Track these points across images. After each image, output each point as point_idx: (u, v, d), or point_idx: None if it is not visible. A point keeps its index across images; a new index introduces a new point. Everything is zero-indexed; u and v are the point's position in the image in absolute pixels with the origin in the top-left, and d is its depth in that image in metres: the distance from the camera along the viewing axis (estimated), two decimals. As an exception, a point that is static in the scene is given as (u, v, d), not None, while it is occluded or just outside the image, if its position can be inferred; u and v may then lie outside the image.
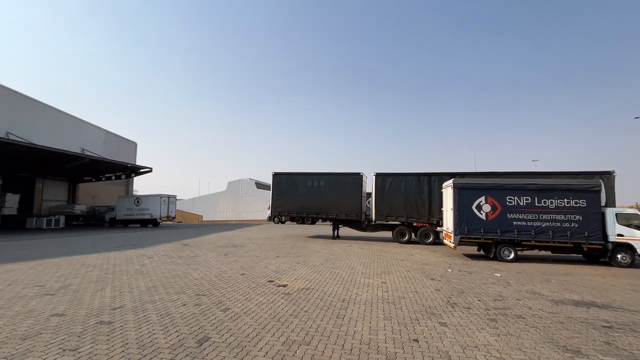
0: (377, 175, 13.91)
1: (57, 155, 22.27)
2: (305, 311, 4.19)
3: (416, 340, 3.30)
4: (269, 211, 26.20)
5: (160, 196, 26.64)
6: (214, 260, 8.24)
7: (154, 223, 26.77)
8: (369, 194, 15.94)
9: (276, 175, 15.97)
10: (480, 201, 9.17)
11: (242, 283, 5.73)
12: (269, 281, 5.92)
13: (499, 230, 8.94)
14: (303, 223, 30.53)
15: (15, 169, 25.73)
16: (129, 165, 28.36)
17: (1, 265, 7.30)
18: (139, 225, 26.88)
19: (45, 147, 21.17)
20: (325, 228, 20.69)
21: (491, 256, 9.18)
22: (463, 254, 10.22)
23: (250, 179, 56.01)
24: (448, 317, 4.08)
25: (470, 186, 9.44)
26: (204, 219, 53.78)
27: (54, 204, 29.27)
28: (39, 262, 7.66)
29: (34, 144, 21.07)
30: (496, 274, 7.09)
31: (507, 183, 9.30)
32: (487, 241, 9.18)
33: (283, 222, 32.53)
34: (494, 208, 9.06)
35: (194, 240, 13.72)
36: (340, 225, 15.33)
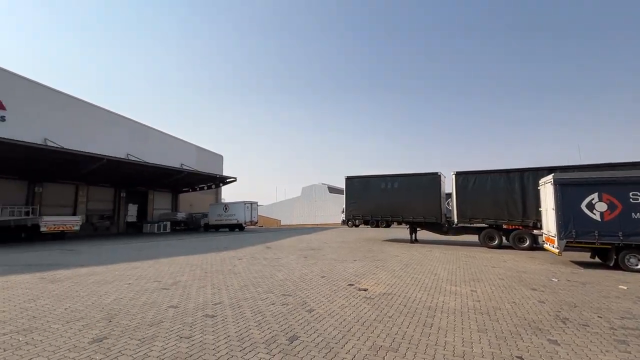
0: (458, 174, 12.90)
1: (163, 171, 26.23)
2: (389, 317, 4.10)
3: (520, 358, 2.94)
4: (343, 215, 26.50)
5: (244, 203, 29.11)
6: (295, 263, 8.66)
7: (239, 227, 29.38)
8: (449, 195, 14.87)
9: (349, 179, 16.06)
10: (592, 199, 7.73)
11: (323, 285, 5.89)
12: (349, 284, 5.96)
13: (620, 233, 7.40)
14: (377, 226, 30.07)
15: (134, 184, 31.07)
16: (218, 176, 31.78)
17: (130, 263, 8.90)
18: (227, 230, 29.83)
19: (156, 164, 25.16)
20: (401, 231, 19.97)
21: (611, 264, 7.64)
22: (571, 261, 8.75)
23: (322, 183, 57.48)
24: (559, 334, 3.53)
25: (576, 182, 8.05)
26: (282, 223, 57.02)
27: (162, 211, 34.42)
28: (155, 261, 9.11)
29: (147, 163, 25.18)
30: (621, 287, 5.88)
31: (631, 176, 7.65)
32: (604, 246, 7.68)
33: (357, 226, 32.48)
34: (612, 207, 7.55)
35: (275, 244, 14.64)
36: (418, 229, 14.62)
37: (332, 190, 56.32)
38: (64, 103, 27.51)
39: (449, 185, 13.99)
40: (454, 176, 12.98)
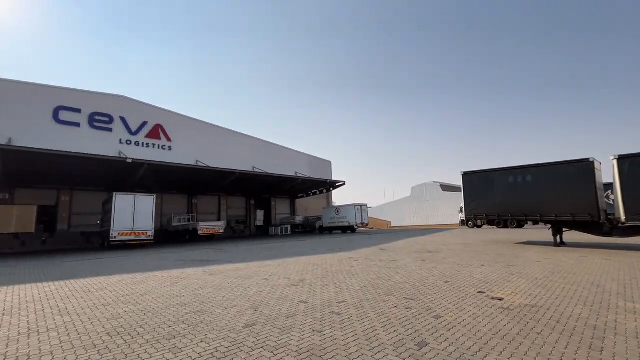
0: (621, 158, 10.07)
1: (282, 179, 29.34)
2: (538, 333, 3.49)
3: None
4: (461, 215, 24.00)
5: (355, 205, 29.81)
6: (413, 265, 8.33)
7: (351, 229, 30.20)
8: (607, 186, 11.75)
9: (466, 175, 14.51)
10: None
11: (448, 291, 5.47)
12: (478, 292, 5.36)
13: None
14: (506, 227, 26.12)
15: (260, 192, 35.74)
16: (328, 181, 33.54)
17: (263, 261, 10.28)
18: (340, 232, 31.07)
19: (275, 174, 28.42)
20: (537, 233, 16.77)
21: None
22: None
23: (434, 182, 53.73)
24: None
25: None
26: (392, 224, 55.76)
27: (282, 216, 38.43)
28: (282, 261, 10.25)
29: (268, 173, 28.67)
30: None
31: None
32: None
33: (479, 227, 29.01)
34: None
35: (389, 245, 14.45)
36: (564, 229, 12.03)
37: (446, 188, 51.98)
38: (206, 130, 33.89)
39: (606, 174, 11.08)
40: (615, 162, 10.17)
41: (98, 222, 23.19)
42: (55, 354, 3.23)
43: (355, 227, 29.95)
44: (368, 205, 32.17)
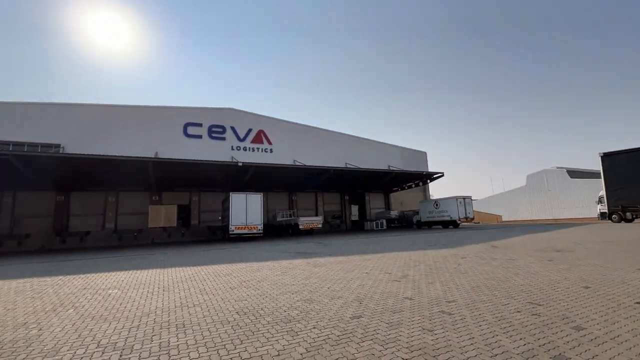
0: None
1: (374, 174, 29.07)
2: None
3: None
4: (601, 206, 19.48)
5: (456, 198, 27.44)
6: (536, 266, 7.16)
7: (453, 224, 27.89)
8: None
9: (607, 157, 11.70)
10: None
11: (590, 299, 4.51)
12: (637, 303, 4.25)
13: None
14: (672, 221, 19.94)
15: (354, 188, 36.22)
16: (424, 173, 31.72)
17: (362, 255, 10.40)
18: (440, 227, 29.03)
19: (368, 169, 28.37)
20: None
21: None
22: None
23: (558, 167, 45.09)
24: None
25: None
26: (503, 219, 49.23)
27: (377, 210, 38.08)
28: (381, 255, 10.17)
29: (360, 168, 28.79)
30: None
31: None
32: None
33: (629, 220, 23.08)
34: None
35: (501, 242, 12.79)
36: None
37: (575, 174, 43.00)
38: (301, 131, 36.03)
39: None
40: None
41: (219, 217, 27.31)
42: (201, 325, 3.94)
43: (458, 222, 27.50)
44: (472, 198, 29.10)
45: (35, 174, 20.42)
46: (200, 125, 31.22)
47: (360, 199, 38.23)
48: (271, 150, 33.46)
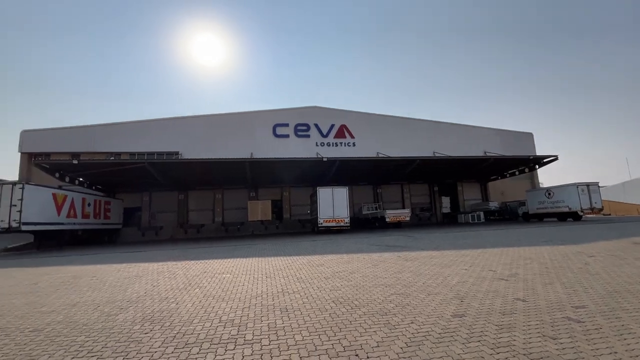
0: None
1: (467, 162, 26.48)
2: None
3: None
4: None
5: (577, 185, 23.03)
6: None
7: (574, 216, 23.53)
8: None
9: None
10: None
11: None
12: None
13: None
14: None
15: (443, 177, 33.73)
16: (530, 157, 27.52)
17: (458, 250, 9.63)
18: (555, 219, 24.81)
19: (458, 157, 26.02)
20: None
21: None
22: None
23: None
24: None
25: None
26: (647, 209, 39.28)
27: (472, 202, 34.70)
28: (482, 251, 9.22)
29: (451, 156, 26.57)
30: None
31: None
32: None
33: None
34: None
35: (647, 238, 10.21)
36: None
37: None
38: (384, 122, 35.18)
39: None
40: None
41: (308, 211, 28.81)
42: (302, 310, 4.23)
43: (580, 214, 22.95)
44: (600, 185, 23.86)
45: (163, 177, 24.98)
46: (287, 125, 33.34)
47: (451, 190, 35.32)
48: (354, 144, 33.58)
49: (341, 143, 33.68)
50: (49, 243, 19.26)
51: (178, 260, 10.23)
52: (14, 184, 16.44)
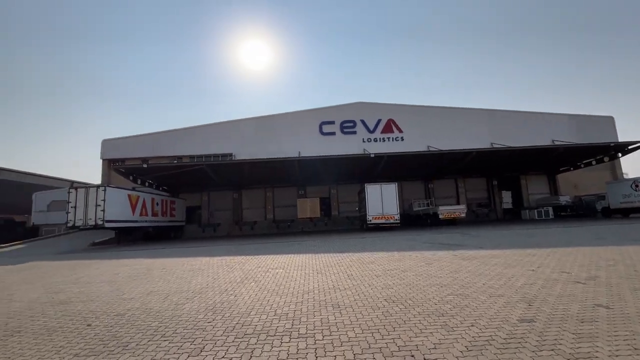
0: None
1: (530, 152, 24.03)
2: None
3: None
4: None
5: (672, 175, 19.59)
6: None
7: (669, 211, 20.16)
8: None
9: None
10: None
11: None
12: None
13: None
14: None
15: (503, 170, 31.08)
16: (611, 144, 24.12)
17: (522, 249, 8.80)
18: (644, 215, 21.51)
19: (520, 147, 23.72)
20: None
21: None
22: None
23: None
24: None
25: None
26: None
27: (538, 196, 31.49)
28: (551, 250, 8.32)
29: (511, 147, 24.34)
30: None
31: None
32: None
33: None
34: None
35: None
36: None
37: None
38: (434, 113, 33.50)
39: None
40: None
41: (356, 208, 28.62)
42: (354, 307, 4.21)
43: (679, 208, 19.48)
44: None
45: (219, 177, 26.70)
46: (333, 122, 33.40)
47: (513, 184, 32.35)
48: (402, 139, 32.47)
49: (389, 138, 32.80)
50: (126, 238, 21.79)
51: (234, 255, 10.86)
52: (97, 187, 18.86)
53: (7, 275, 8.86)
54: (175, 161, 30.69)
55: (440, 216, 22.07)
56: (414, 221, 27.76)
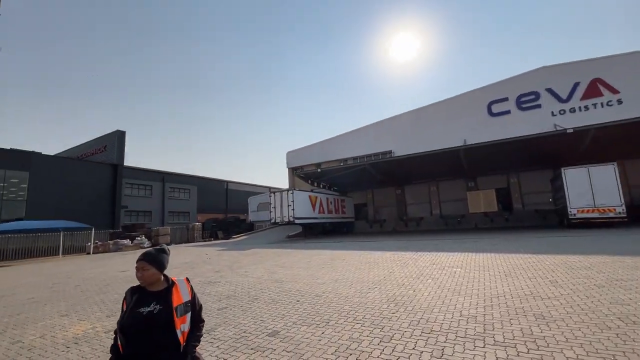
0: None
1: None
2: None
3: None
4: None
5: None
6: None
7: None
8: None
9: None
10: None
11: None
12: None
13: None
14: None
15: None
16: None
17: None
18: None
19: None
20: None
21: None
22: None
23: None
24: None
25: None
26: None
27: None
28: None
29: None
30: None
31: None
32: None
33: None
34: None
35: None
36: None
37: None
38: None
39: None
40: None
41: (550, 199, 22.99)
42: (567, 320, 3.39)
43: None
44: None
45: (381, 175, 27.60)
46: (505, 99, 28.05)
47: None
48: (619, 102, 23.41)
49: (594, 105, 24.40)
50: (310, 232, 25.91)
51: (405, 251, 10.92)
52: (287, 190, 23.38)
53: (242, 258, 12.29)
54: (342, 164, 34.04)
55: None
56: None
